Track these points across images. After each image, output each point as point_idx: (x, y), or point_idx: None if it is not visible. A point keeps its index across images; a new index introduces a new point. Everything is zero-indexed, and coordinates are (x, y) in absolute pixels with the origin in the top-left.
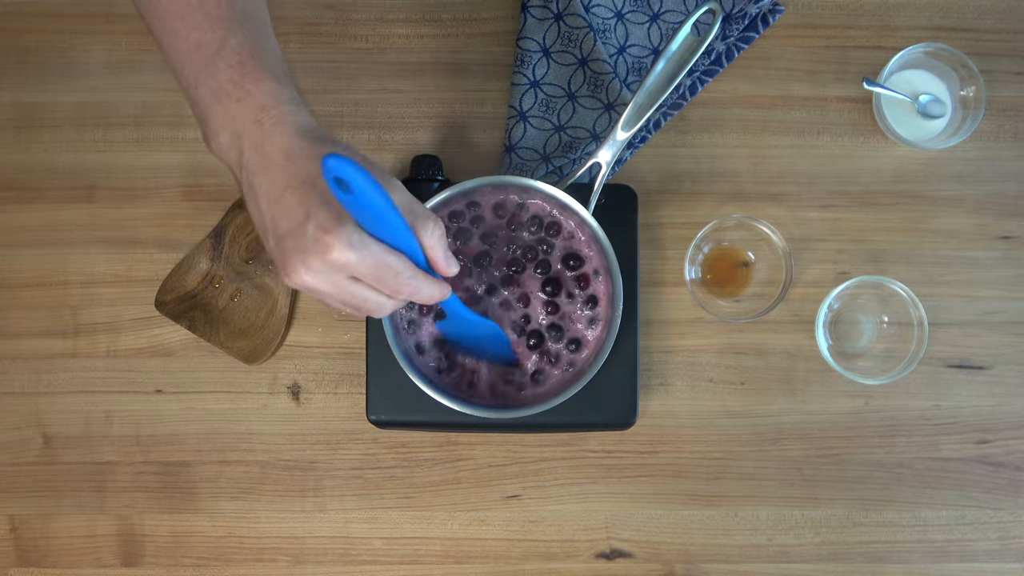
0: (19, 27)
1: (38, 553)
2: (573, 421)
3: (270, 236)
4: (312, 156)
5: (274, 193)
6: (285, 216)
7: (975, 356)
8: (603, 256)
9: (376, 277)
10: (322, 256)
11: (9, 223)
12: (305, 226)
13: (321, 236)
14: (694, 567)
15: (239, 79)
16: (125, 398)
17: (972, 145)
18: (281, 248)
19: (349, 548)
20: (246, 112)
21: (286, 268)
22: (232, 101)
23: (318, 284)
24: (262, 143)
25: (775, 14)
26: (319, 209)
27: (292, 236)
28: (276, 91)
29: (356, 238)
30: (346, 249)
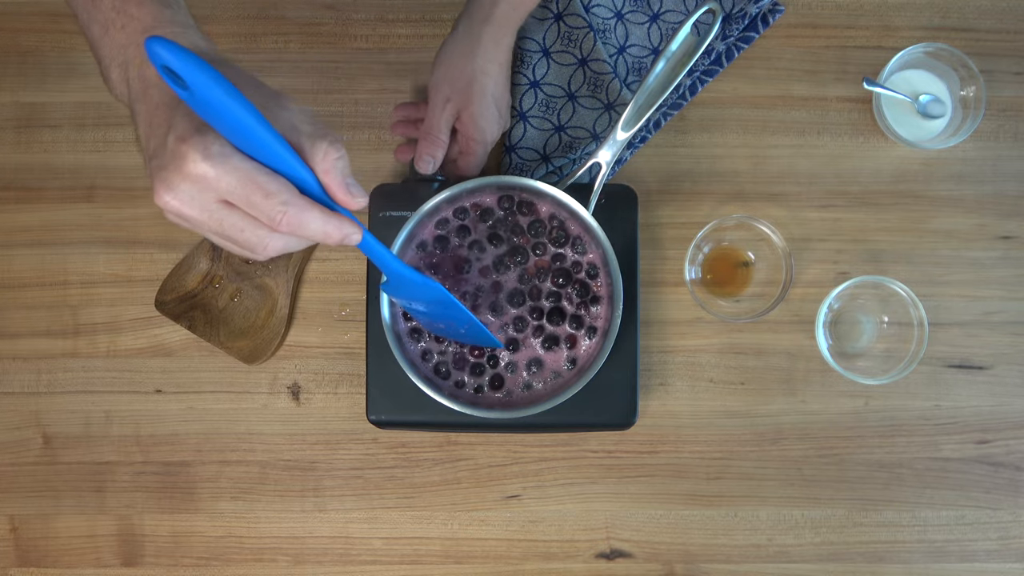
0: (19, 27)
1: (38, 553)
2: (573, 421)
3: (146, 161)
4: None
5: (147, 114)
6: (153, 134)
7: (975, 356)
8: (603, 256)
9: (245, 199)
10: (179, 169)
11: (9, 223)
12: (165, 139)
13: (177, 146)
14: (694, 567)
15: (122, 5)
16: (125, 398)
17: (972, 145)
18: (150, 170)
19: (349, 548)
20: (130, 38)
21: (154, 190)
22: (117, 29)
23: (182, 205)
24: (143, 66)
25: (775, 14)
26: (180, 119)
27: (157, 154)
28: (159, 13)
29: (216, 148)
30: (201, 159)
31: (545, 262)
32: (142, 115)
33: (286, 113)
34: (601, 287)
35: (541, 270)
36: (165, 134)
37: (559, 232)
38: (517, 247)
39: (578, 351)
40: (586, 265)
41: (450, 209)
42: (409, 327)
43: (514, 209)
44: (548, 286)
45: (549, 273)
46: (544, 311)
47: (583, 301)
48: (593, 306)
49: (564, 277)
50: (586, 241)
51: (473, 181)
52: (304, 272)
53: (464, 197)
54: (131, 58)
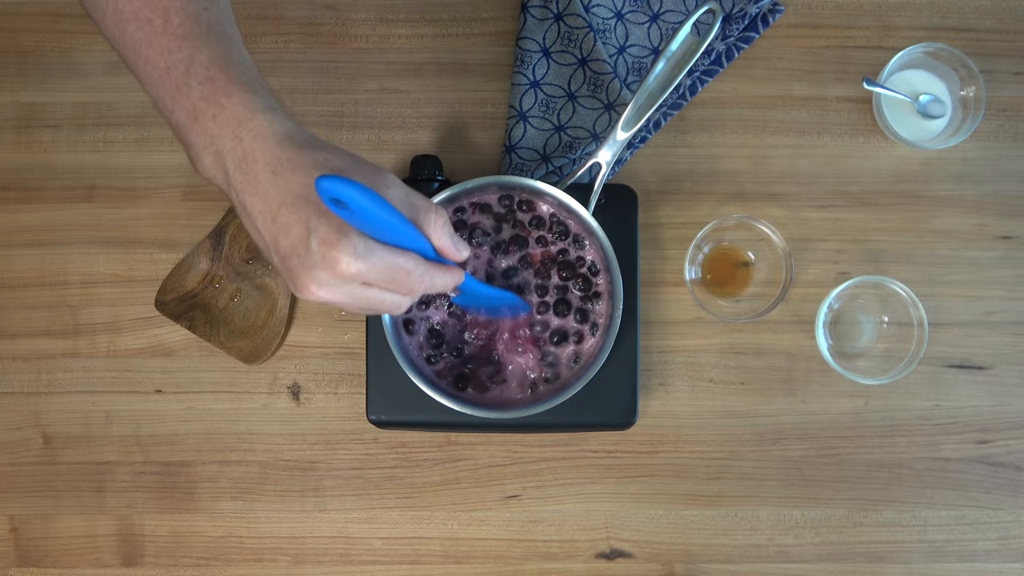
0: (19, 27)
1: (38, 553)
2: (573, 421)
3: (273, 255)
4: (299, 167)
5: (268, 212)
6: (284, 235)
7: (975, 356)
8: (603, 256)
9: (389, 280)
10: (331, 270)
11: (9, 223)
12: (308, 243)
13: (327, 251)
14: (694, 567)
15: (211, 95)
16: (125, 398)
17: (972, 145)
18: (287, 267)
19: (349, 548)
20: (223, 129)
21: (297, 286)
22: (208, 119)
23: (332, 297)
24: (245, 160)
25: (775, 14)
26: (319, 223)
27: (296, 254)
28: (249, 102)
29: (362, 247)
30: (354, 260)
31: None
32: (256, 209)
33: (395, 191)
34: (601, 286)
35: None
36: (304, 238)
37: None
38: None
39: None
40: (587, 263)
41: (451, 208)
42: (407, 324)
43: (514, 207)
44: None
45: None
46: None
47: (586, 295)
48: (594, 305)
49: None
50: (586, 241)
51: (473, 181)
52: None
53: (464, 196)
54: (226, 149)
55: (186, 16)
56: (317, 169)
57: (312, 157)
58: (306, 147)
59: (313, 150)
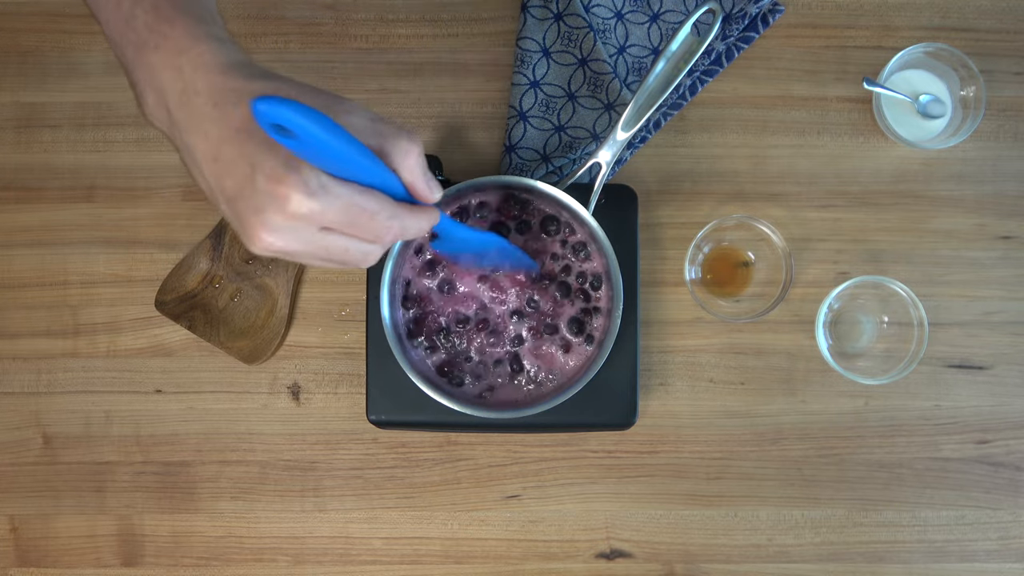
0: (19, 27)
1: (38, 553)
2: (573, 421)
3: (220, 201)
4: (243, 96)
5: (210, 150)
6: (228, 174)
7: (975, 356)
8: (603, 256)
9: (349, 223)
10: (281, 211)
11: (9, 223)
12: (253, 180)
13: (274, 188)
14: (694, 567)
15: (154, 23)
16: (125, 398)
17: (972, 145)
18: (235, 212)
19: (349, 548)
20: (164, 60)
21: (246, 234)
22: (150, 50)
23: (286, 244)
24: (185, 93)
25: (775, 14)
26: (264, 157)
27: (242, 196)
28: (195, 30)
29: (315, 182)
30: (306, 198)
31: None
32: (199, 149)
33: (356, 118)
34: (601, 287)
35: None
36: (249, 174)
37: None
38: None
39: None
40: (589, 275)
41: (451, 207)
42: (406, 320)
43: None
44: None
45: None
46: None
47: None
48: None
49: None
50: (586, 241)
51: (473, 181)
52: (304, 272)
53: (465, 196)
54: (166, 83)
55: None
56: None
57: (261, 86)
58: (254, 77)
59: (263, 79)
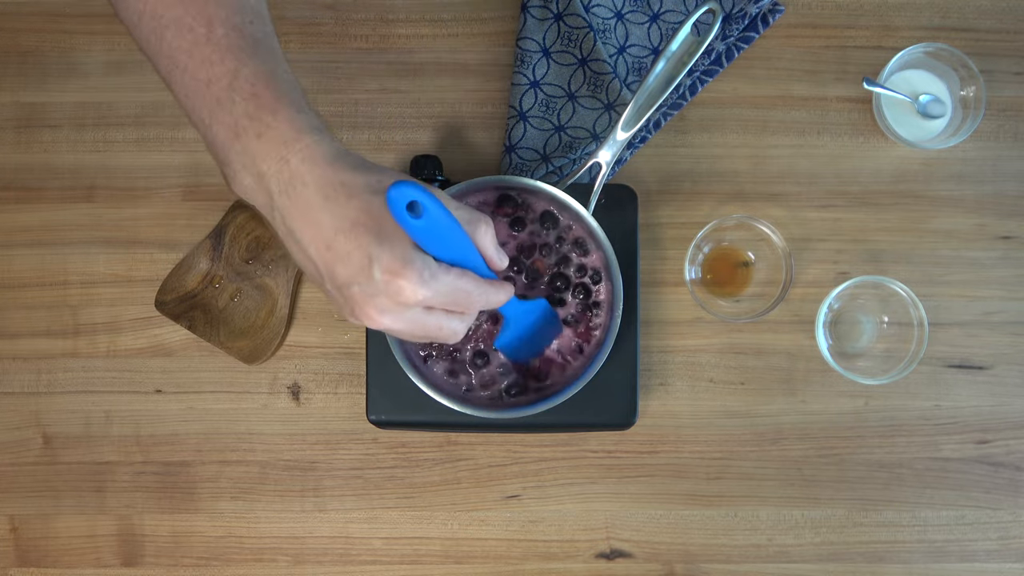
0: (19, 27)
1: (38, 553)
2: (573, 421)
3: (326, 283)
4: (353, 191)
5: (322, 240)
6: (342, 263)
7: (975, 356)
8: (603, 256)
9: (451, 303)
10: (395, 298)
11: (9, 223)
12: (370, 271)
13: (391, 280)
14: (694, 567)
15: (255, 112)
16: (125, 398)
17: (972, 145)
18: (346, 296)
19: (349, 548)
20: (268, 149)
21: (358, 315)
22: (250, 138)
23: (393, 323)
24: (292, 184)
25: (775, 14)
26: (380, 251)
27: (357, 283)
28: (296, 121)
29: (427, 273)
30: (419, 287)
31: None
32: (307, 236)
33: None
34: (601, 287)
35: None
36: (365, 266)
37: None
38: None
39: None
40: (589, 269)
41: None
42: None
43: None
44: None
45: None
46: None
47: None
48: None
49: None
50: (586, 241)
51: (473, 181)
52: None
53: (465, 196)
54: (271, 171)
55: (231, 28)
56: (371, 192)
57: (365, 179)
58: (358, 169)
59: (365, 172)
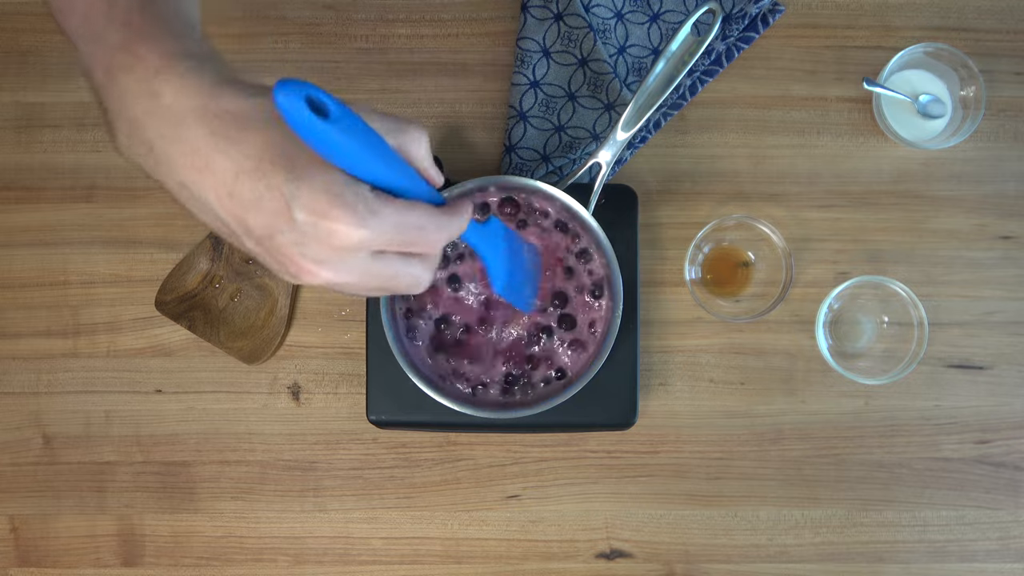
0: (19, 27)
1: (38, 553)
2: (573, 421)
3: (244, 239)
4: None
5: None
6: (253, 210)
7: (975, 356)
8: (603, 256)
9: (403, 242)
10: (330, 243)
11: (9, 223)
12: (290, 214)
13: (318, 221)
14: (694, 567)
15: (126, 42)
16: (125, 398)
17: (972, 145)
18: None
19: (349, 548)
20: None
21: (289, 270)
22: (123, 73)
23: (336, 275)
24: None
25: (775, 14)
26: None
27: (278, 231)
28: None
29: (362, 207)
30: (356, 227)
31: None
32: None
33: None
34: (601, 287)
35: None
36: (282, 208)
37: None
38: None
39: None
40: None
41: None
42: (407, 324)
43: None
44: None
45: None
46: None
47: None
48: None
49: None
50: (586, 241)
51: (473, 181)
52: None
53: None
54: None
55: None
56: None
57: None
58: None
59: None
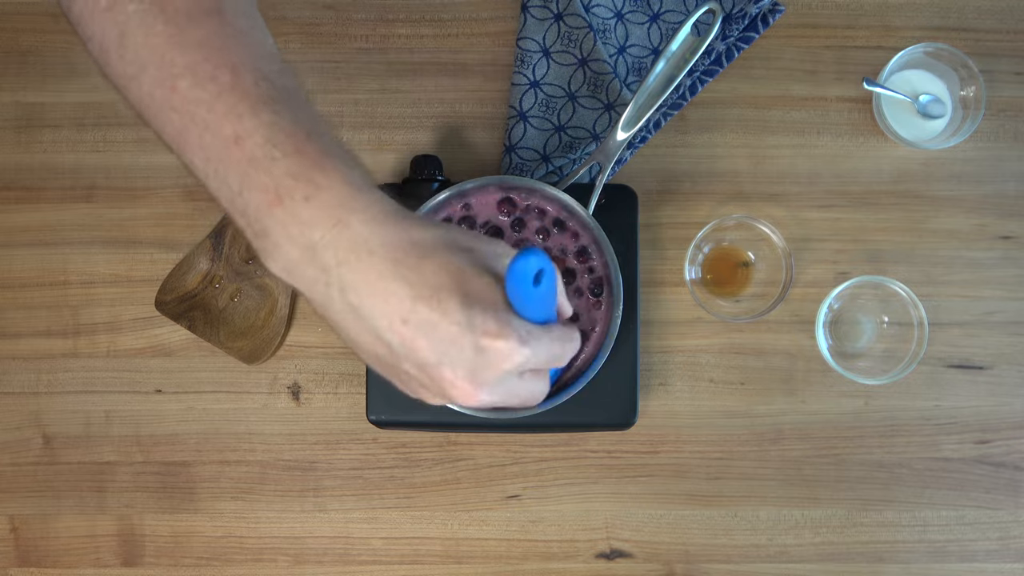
0: (19, 27)
1: (38, 553)
2: (573, 421)
3: (404, 363)
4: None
5: (397, 313)
6: (426, 336)
7: (975, 356)
8: (603, 256)
9: (547, 361)
10: (498, 366)
11: (9, 223)
12: (463, 342)
13: (490, 345)
14: (694, 567)
15: (301, 170)
16: (125, 398)
17: (972, 145)
18: (432, 375)
19: (349, 548)
20: (320, 214)
21: (449, 394)
22: (298, 201)
23: (491, 397)
24: (355, 251)
25: (775, 14)
26: (472, 315)
27: (448, 358)
28: (352, 178)
29: (524, 332)
30: (521, 347)
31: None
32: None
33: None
34: (601, 287)
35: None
36: (456, 336)
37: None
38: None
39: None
40: (586, 265)
41: (452, 208)
42: None
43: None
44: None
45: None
46: None
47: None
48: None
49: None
50: (586, 241)
51: (473, 181)
52: None
53: (465, 196)
54: (324, 239)
55: (260, 76)
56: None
57: (435, 235)
58: (424, 225)
59: (433, 228)
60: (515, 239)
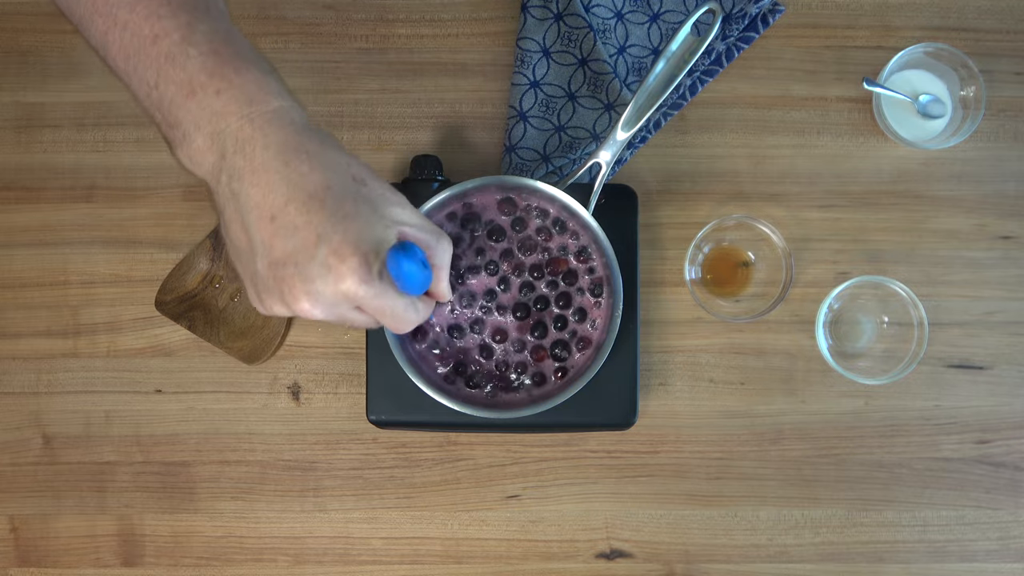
0: (19, 27)
1: (38, 553)
2: (573, 421)
3: (258, 258)
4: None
5: (269, 206)
6: (284, 237)
7: (975, 356)
8: (603, 256)
9: (378, 313)
10: (334, 285)
11: (9, 223)
12: (314, 250)
13: (335, 264)
14: (694, 567)
15: (215, 67)
16: (125, 398)
17: (972, 145)
18: (277, 276)
19: (349, 548)
20: (229, 106)
21: (285, 299)
22: (210, 94)
23: (319, 313)
24: (251, 143)
25: (775, 14)
26: (334, 230)
27: (295, 261)
28: (264, 82)
29: (374, 271)
30: (362, 284)
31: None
32: (253, 200)
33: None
34: (601, 287)
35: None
36: (310, 244)
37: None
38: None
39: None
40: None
41: (451, 208)
42: None
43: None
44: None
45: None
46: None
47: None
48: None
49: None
50: (586, 241)
51: (473, 181)
52: None
53: (465, 196)
54: (229, 128)
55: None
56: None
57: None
58: (328, 145)
59: (337, 151)
60: (516, 239)
